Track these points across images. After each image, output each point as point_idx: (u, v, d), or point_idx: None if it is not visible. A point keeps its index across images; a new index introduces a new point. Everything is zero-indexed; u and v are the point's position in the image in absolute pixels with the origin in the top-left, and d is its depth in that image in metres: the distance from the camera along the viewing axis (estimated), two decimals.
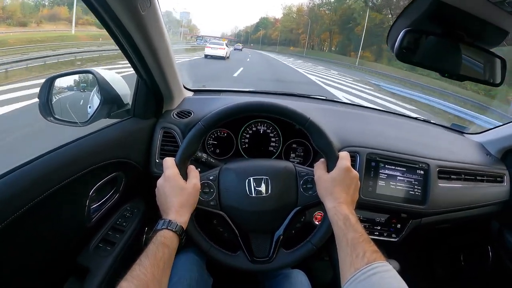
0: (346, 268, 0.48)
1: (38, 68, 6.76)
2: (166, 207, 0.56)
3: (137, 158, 0.77)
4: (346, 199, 0.57)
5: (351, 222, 0.53)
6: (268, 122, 0.83)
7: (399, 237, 0.85)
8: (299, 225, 0.66)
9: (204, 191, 0.61)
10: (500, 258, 0.98)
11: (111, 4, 0.49)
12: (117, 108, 0.80)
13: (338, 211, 0.55)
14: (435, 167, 0.83)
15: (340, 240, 0.52)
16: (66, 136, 0.67)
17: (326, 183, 0.59)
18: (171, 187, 0.56)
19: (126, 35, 0.58)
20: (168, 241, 0.51)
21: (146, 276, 0.44)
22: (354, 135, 0.85)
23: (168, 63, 0.72)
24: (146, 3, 0.54)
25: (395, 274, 0.46)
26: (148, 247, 0.49)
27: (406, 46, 0.60)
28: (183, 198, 0.56)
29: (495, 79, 0.66)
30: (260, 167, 0.64)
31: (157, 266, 0.46)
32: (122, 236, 0.74)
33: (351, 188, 0.59)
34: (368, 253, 0.47)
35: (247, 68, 12.58)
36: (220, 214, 0.61)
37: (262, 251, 0.62)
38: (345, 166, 0.59)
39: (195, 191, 0.58)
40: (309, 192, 0.62)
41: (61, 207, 0.60)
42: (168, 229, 0.52)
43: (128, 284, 0.42)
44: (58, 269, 0.66)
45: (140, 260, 0.47)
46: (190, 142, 0.59)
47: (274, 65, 17.41)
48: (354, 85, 10.43)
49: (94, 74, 0.78)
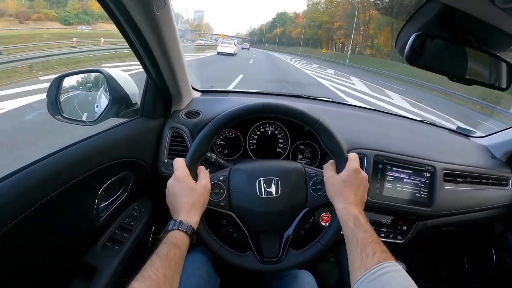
0: (356, 268, 0.48)
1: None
2: (176, 207, 0.56)
3: (146, 158, 0.77)
4: (355, 200, 0.58)
5: (361, 223, 0.53)
6: (276, 123, 0.84)
7: (405, 239, 0.85)
8: (308, 225, 0.66)
9: (214, 191, 0.61)
10: (504, 261, 0.99)
11: (126, 3, 0.50)
12: (126, 107, 0.80)
13: (348, 212, 0.55)
14: (441, 170, 0.84)
15: (350, 240, 0.52)
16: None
17: (335, 184, 0.59)
18: (182, 188, 0.56)
19: (139, 35, 0.58)
20: (179, 242, 0.51)
21: (157, 277, 0.44)
22: (361, 137, 0.85)
23: (179, 64, 0.72)
24: (161, 3, 0.55)
25: (405, 274, 0.46)
26: (159, 248, 0.49)
27: (416, 50, 0.61)
28: (194, 198, 0.56)
29: (501, 84, 0.67)
30: (270, 168, 0.64)
31: (168, 267, 0.46)
32: (130, 236, 0.74)
33: (360, 189, 0.59)
34: (378, 253, 0.47)
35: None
36: (230, 215, 0.61)
37: (271, 251, 0.62)
38: (354, 168, 0.59)
39: (205, 191, 0.58)
40: (318, 193, 0.62)
41: (71, 206, 0.60)
42: (179, 230, 0.52)
43: (139, 284, 0.42)
44: (66, 268, 0.66)
45: (151, 261, 0.46)
46: (201, 143, 0.59)
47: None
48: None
49: (103, 73, 0.78)
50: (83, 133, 0.70)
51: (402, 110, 6.71)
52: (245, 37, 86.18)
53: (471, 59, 0.64)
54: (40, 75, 5.40)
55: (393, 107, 6.91)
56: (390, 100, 8.11)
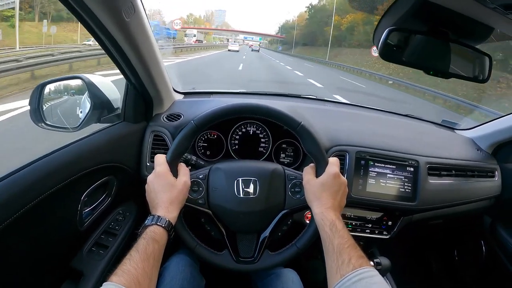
0: (333, 275, 0.47)
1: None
2: (155, 203, 0.56)
3: (128, 162, 0.76)
4: (333, 204, 0.57)
5: (337, 228, 0.52)
6: (258, 123, 0.83)
7: (391, 234, 0.84)
8: (286, 227, 0.66)
9: (193, 189, 0.61)
10: (494, 251, 0.97)
11: (96, 12, 0.49)
12: (108, 112, 0.79)
13: (325, 217, 0.55)
14: (424, 164, 0.82)
15: (326, 246, 0.52)
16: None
17: (314, 188, 0.59)
18: (161, 184, 0.56)
19: (113, 42, 0.58)
20: (157, 237, 0.50)
21: (136, 271, 0.44)
22: (343, 134, 0.84)
23: (156, 67, 0.71)
24: (131, 10, 0.54)
25: (380, 279, 0.45)
26: (138, 242, 0.49)
27: (391, 44, 0.60)
28: (173, 194, 0.56)
29: (480, 76, 0.65)
30: (249, 168, 0.64)
31: (147, 261, 0.46)
32: (115, 240, 0.73)
33: (338, 194, 0.58)
34: (354, 259, 0.47)
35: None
36: (208, 213, 0.61)
37: (247, 251, 0.63)
38: (334, 172, 0.58)
39: (184, 188, 0.58)
40: (296, 196, 0.62)
41: (54, 212, 0.60)
42: (158, 225, 0.52)
43: (119, 278, 0.42)
44: (53, 273, 0.66)
45: (130, 255, 0.46)
46: (182, 140, 0.59)
47: None
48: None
49: (83, 79, 0.77)
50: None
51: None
52: (279, 36, 69.97)
53: (448, 53, 0.62)
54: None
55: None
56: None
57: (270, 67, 14.84)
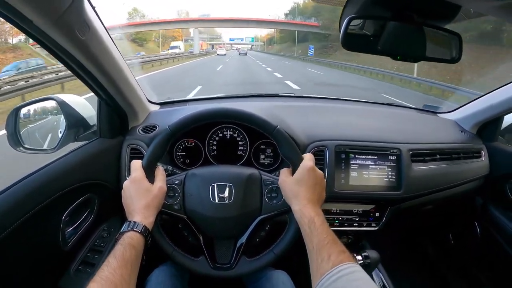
0: (314, 274, 0.46)
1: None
2: (131, 209, 0.55)
3: (107, 178, 0.75)
4: (312, 199, 0.55)
5: (316, 225, 0.51)
6: (234, 127, 0.81)
7: (379, 226, 0.82)
8: (264, 233, 0.64)
9: (169, 194, 0.60)
10: (488, 231, 0.95)
11: (50, 34, 0.48)
12: (84, 130, 0.78)
13: (303, 214, 0.53)
14: (406, 151, 0.80)
15: (307, 245, 0.50)
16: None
17: (290, 185, 0.57)
18: (137, 189, 0.56)
19: (74, 60, 0.57)
20: (134, 242, 0.50)
21: (114, 277, 0.43)
22: (321, 129, 0.82)
23: (124, 81, 0.69)
24: (85, 28, 0.53)
25: (362, 275, 0.43)
26: (115, 248, 0.48)
27: (353, 33, 0.57)
28: (149, 200, 0.55)
29: (451, 56, 0.63)
30: (225, 173, 0.62)
31: (125, 267, 0.45)
32: (101, 257, 0.72)
33: (316, 188, 0.57)
34: (334, 256, 0.45)
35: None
36: (184, 219, 0.60)
37: (224, 257, 0.61)
38: (308, 166, 0.57)
39: (160, 193, 0.57)
40: (273, 201, 0.61)
41: (35, 235, 0.59)
42: (134, 231, 0.51)
43: (97, 285, 0.41)
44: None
45: (108, 261, 0.45)
46: (157, 146, 0.58)
47: None
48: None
49: (56, 100, 0.76)
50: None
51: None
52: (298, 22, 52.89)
53: (416, 37, 0.60)
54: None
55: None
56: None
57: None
